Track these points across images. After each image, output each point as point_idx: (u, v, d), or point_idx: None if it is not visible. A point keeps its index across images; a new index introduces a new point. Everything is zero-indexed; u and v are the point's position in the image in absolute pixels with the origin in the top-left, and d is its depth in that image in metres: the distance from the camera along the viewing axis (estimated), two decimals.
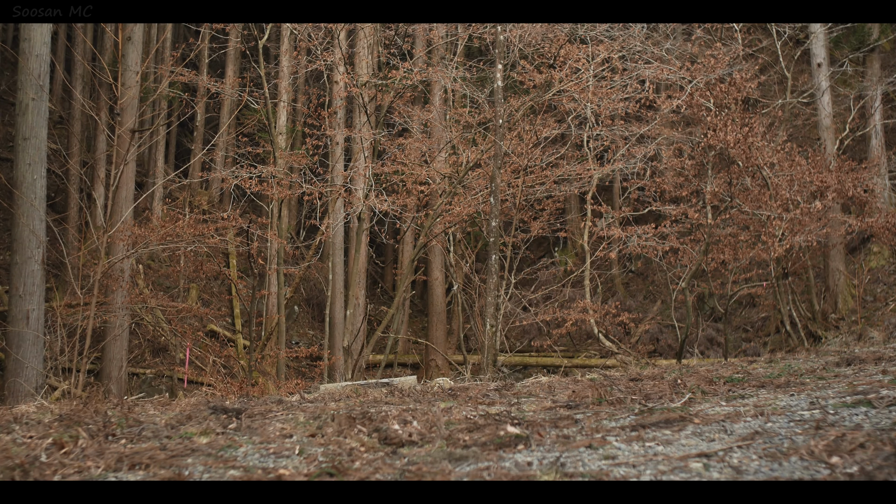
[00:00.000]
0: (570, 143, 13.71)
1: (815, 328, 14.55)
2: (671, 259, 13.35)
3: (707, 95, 11.82)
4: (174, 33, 21.57)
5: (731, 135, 10.71)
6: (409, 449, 3.03)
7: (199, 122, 20.58)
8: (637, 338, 16.39)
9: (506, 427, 3.25)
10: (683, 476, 2.33)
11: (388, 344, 14.86)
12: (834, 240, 14.24)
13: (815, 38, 15.45)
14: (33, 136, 9.06)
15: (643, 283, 20.44)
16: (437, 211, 12.19)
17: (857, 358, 5.18)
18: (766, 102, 16.38)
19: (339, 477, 2.48)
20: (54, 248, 13.80)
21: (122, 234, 10.35)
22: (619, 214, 14.23)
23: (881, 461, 2.23)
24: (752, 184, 12.19)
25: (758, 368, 5.34)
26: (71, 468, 2.68)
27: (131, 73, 11.89)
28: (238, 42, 16.86)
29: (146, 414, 4.06)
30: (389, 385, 6.31)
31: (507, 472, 2.44)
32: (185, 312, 12.27)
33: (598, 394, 4.27)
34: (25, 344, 8.81)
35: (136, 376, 14.56)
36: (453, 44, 14.41)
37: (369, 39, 13.79)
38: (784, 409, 3.35)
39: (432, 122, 14.21)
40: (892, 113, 17.88)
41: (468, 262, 15.63)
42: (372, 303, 19.53)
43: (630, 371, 6.86)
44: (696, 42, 13.90)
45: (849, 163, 12.85)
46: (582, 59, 12.27)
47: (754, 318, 17.16)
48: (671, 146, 14.32)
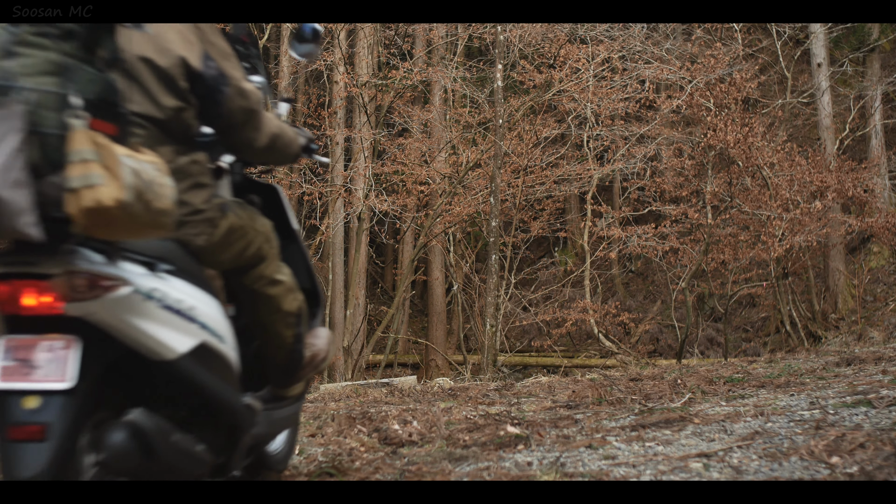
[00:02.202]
0: (570, 143, 13.71)
1: (815, 328, 14.55)
2: (671, 259, 13.34)
3: (707, 95, 11.82)
4: None
5: (731, 135, 10.71)
6: (409, 449, 3.03)
7: None
8: (637, 338, 16.39)
9: (506, 427, 3.25)
10: (683, 476, 2.33)
11: (388, 344, 14.85)
12: (834, 240, 14.24)
13: (815, 38, 15.45)
14: None
15: (643, 283, 20.45)
16: (437, 211, 12.20)
17: (857, 358, 5.18)
18: (766, 102, 16.38)
19: (339, 477, 2.48)
20: None
21: None
22: (619, 214, 14.22)
23: (881, 461, 2.24)
24: (752, 184, 12.19)
25: (758, 368, 5.34)
26: None
27: None
28: None
29: None
30: (389, 385, 6.31)
31: (507, 472, 2.44)
32: None
33: (598, 394, 4.27)
34: None
35: None
36: (453, 44, 14.41)
37: (369, 39, 13.79)
38: (784, 409, 3.35)
39: (432, 122, 14.21)
40: (892, 113, 17.88)
41: (468, 262, 15.63)
42: (372, 303, 19.52)
43: (630, 371, 6.85)
44: (696, 42, 13.90)
45: (849, 163, 12.85)
46: (582, 59, 12.27)
47: (754, 318, 17.16)
48: (671, 146, 14.31)
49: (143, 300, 1.77)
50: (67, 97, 1.56)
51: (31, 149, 1.52)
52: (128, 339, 1.77)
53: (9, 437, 1.64)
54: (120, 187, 1.54)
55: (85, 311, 1.70)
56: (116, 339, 1.77)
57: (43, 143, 1.53)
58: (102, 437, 1.78)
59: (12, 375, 1.66)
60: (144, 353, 1.81)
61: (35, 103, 1.54)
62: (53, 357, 1.68)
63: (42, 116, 1.54)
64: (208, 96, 2.07)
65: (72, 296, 1.66)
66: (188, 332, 1.89)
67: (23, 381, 1.66)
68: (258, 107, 2.20)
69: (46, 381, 1.67)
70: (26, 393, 1.66)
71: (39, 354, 1.68)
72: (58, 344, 1.70)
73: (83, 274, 1.68)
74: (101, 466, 1.82)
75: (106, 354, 1.79)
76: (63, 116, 1.55)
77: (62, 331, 1.71)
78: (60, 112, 1.55)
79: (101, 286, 1.69)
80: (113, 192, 1.53)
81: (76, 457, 1.75)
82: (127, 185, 1.56)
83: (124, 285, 1.73)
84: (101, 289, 1.69)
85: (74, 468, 1.75)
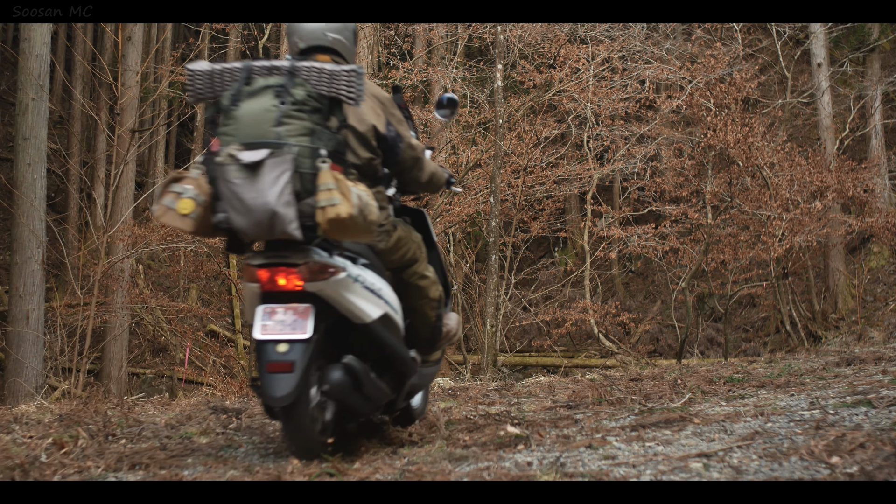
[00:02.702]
0: (570, 143, 13.71)
1: (815, 328, 14.55)
2: (671, 259, 13.34)
3: (707, 95, 11.82)
4: (174, 33, 21.55)
5: (731, 135, 10.71)
6: (409, 449, 3.03)
7: (199, 122, 20.57)
8: (637, 338, 16.39)
9: (506, 427, 3.25)
10: (683, 476, 2.33)
11: None
12: (834, 240, 14.24)
13: (815, 38, 15.44)
14: (33, 136, 9.06)
15: (643, 283, 20.45)
16: (436, 211, 12.19)
17: (857, 358, 5.18)
18: (766, 102, 16.38)
19: (339, 477, 2.48)
20: (54, 248, 13.79)
21: (122, 234, 10.35)
22: (619, 214, 14.22)
23: (881, 461, 2.24)
24: (752, 184, 12.19)
25: (758, 368, 5.34)
26: (71, 468, 2.69)
27: (131, 73, 11.89)
28: (238, 42, 16.85)
29: (146, 414, 4.07)
30: None
31: (507, 472, 2.44)
32: (185, 312, 12.28)
33: (598, 394, 4.27)
34: (25, 344, 8.80)
35: (136, 376, 14.55)
36: (453, 44, 14.41)
37: (369, 39, 13.78)
38: (784, 409, 3.35)
39: (432, 122, 14.22)
40: (892, 113, 17.88)
41: (468, 262, 15.62)
42: None
43: (630, 371, 6.86)
44: (696, 42, 13.90)
45: (849, 163, 12.84)
46: (582, 59, 12.26)
47: (754, 318, 17.16)
48: (671, 146, 14.31)
49: (352, 282, 2.68)
50: (317, 150, 2.50)
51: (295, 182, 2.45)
52: (342, 307, 2.67)
53: (268, 370, 2.50)
54: (351, 206, 2.45)
55: (317, 288, 2.60)
56: (334, 308, 2.66)
57: (303, 178, 2.47)
58: (326, 374, 2.67)
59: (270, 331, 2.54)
60: (351, 317, 2.71)
61: (298, 153, 2.47)
62: (297, 318, 2.57)
63: (302, 162, 2.47)
64: (389, 150, 3.05)
65: (309, 277, 2.57)
66: (378, 305, 2.80)
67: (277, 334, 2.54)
68: (422, 155, 3.23)
69: (293, 334, 2.54)
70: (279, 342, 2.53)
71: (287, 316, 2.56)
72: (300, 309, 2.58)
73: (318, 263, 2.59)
74: (324, 394, 2.67)
75: (328, 318, 2.67)
76: (315, 162, 2.49)
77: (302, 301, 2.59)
78: (313, 159, 2.49)
79: (328, 272, 2.61)
80: (347, 208, 2.44)
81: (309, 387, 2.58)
82: (355, 205, 2.46)
83: (342, 271, 2.65)
84: (328, 273, 2.61)
85: (307, 396, 2.58)
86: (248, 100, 2.54)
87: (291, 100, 2.51)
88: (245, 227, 2.50)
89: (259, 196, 2.44)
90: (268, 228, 2.48)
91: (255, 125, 2.50)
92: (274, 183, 2.43)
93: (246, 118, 2.52)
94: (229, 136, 2.52)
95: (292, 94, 2.51)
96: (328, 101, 2.57)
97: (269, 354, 2.52)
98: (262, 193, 2.43)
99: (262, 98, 2.53)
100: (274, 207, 2.43)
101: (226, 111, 2.56)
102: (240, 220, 2.49)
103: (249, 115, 2.51)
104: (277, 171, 2.44)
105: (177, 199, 2.53)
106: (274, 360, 2.51)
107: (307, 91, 2.53)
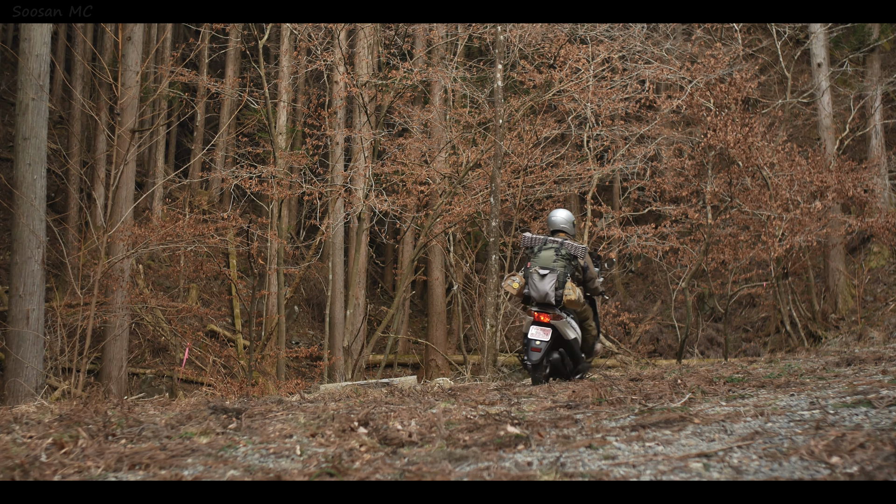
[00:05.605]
0: (570, 143, 13.71)
1: (815, 328, 14.56)
2: (671, 259, 13.34)
3: (707, 95, 11.82)
4: (174, 33, 21.56)
5: (731, 135, 10.71)
6: (409, 449, 3.02)
7: (199, 122, 20.58)
8: (637, 338, 16.39)
9: (506, 427, 3.24)
10: (683, 476, 2.33)
11: (388, 344, 14.86)
12: (834, 240, 14.25)
13: (815, 38, 15.45)
14: (33, 136, 9.06)
15: (643, 283, 20.46)
16: (437, 211, 12.19)
17: (857, 358, 5.18)
18: (766, 102, 16.39)
19: (339, 477, 2.48)
20: (54, 248, 13.80)
21: (122, 234, 10.35)
22: (619, 214, 14.22)
23: (881, 461, 2.24)
24: (752, 184, 12.19)
25: (758, 368, 5.34)
26: (71, 468, 2.69)
27: (131, 73, 11.89)
28: (238, 42, 16.86)
29: (146, 414, 4.06)
30: (389, 385, 6.33)
31: (507, 472, 2.44)
32: (185, 312, 12.28)
33: (598, 394, 4.27)
34: (25, 344, 8.80)
35: (136, 376, 14.55)
36: (453, 44, 14.41)
37: (369, 39, 13.79)
38: (784, 409, 3.35)
39: (432, 122, 14.22)
40: (892, 113, 17.89)
41: (468, 262, 15.63)
42: (372, 303, 19.52)
43: (630, 371, 7.04)
44: (696, 42, 13.90)
45: (849, 163, 12.85)
46: (582, 59, 12.26)
47: (754, 318, 17.16)
48: (671, 146, 14.31)
49: (567, 322, 6.41)
50: (566, 273, 6.41)
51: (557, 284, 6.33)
52: (561, 332, 6.36)
53: (532, 349, 6.27)
54: (578, 294, 6.31)
55: (555, 323, 6.32)
56: (558, 331, 6.36)
57: (560, 282, 6.33)
58: (550, 357, 6.41)
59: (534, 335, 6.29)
60: (564, 336, 6.38)
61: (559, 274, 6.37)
62: (545, 332, 6.29)
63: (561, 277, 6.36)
64: (585, 273, 6.66)
65: (552, 318, 6.32)
66: (575, 331, 6.52)
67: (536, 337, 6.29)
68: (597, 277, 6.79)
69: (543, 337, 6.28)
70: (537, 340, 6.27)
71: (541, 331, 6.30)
72: (547, 328, 6.31)
73: (557, 314, 6.33)
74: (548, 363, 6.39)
75: (556, 335, 6.37)
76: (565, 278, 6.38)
77: (547, 327, 6.33)
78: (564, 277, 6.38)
79: (560, 317, 6.34)
80: (576, 295, 6.29)
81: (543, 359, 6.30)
82: (578, 294, 6.31)
83: (564, 317, 6.40)
84: (560, 318, 6.34)
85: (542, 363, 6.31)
86: (543, 251, 6.46)
87: (561, 253, 6.40)
88: (535, 297, 6.33)
89: (543, 287, 6.30)
90: (544, 299, 6.29)
91: (545, 261, 6.40)
92: (549, 283, 6.30)
93: (542, 258, 6.43)
94: (535, 265, 6.39)
95: (560, 252, 6.40)
96: (573, 256, 6.41)
97: (533, 343, 6.24)
98: (544, 286, 6.30)
99: (548, 251, 6.44)
100: (548, 291, 6.28)
101: (535, 254, 6.48)
102: (534, 294, 6.34)
103: (544, 257, 6.43)
104: (552, 279, 6.30)
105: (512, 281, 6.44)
106: (534, 346, 6.22)
107: (567, 251, 6.40)
